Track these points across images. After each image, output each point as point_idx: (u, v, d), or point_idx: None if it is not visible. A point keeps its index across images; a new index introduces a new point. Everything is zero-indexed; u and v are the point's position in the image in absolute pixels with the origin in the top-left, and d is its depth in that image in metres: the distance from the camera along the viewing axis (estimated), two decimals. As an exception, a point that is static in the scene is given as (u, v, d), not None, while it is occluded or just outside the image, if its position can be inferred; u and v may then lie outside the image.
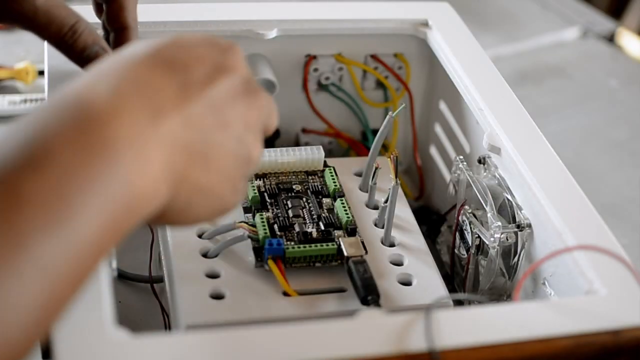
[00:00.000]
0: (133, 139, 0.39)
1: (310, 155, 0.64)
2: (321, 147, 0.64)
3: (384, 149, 0.74)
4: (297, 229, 0.59)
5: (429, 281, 0.58)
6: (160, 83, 0.41)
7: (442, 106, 0.74)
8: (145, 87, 0.40)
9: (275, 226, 0.59)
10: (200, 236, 0.59)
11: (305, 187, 0.63)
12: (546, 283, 0.56)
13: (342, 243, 0.57)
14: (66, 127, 0.37)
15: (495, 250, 0.59)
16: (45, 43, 0.62)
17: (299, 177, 0.63)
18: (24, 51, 0.96)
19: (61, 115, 0.38)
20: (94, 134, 0.37)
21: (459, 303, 0.61)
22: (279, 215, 0.60)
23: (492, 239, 0.58)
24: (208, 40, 0.46)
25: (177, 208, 0.43)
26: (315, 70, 0.73)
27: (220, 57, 0.45)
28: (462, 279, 0.63)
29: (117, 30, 0.58)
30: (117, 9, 0.58)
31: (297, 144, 0.76)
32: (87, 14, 0.61)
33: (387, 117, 0.62)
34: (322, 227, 0.59)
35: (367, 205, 0.63)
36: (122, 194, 0.38)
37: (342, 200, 0.61)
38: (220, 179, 0.45)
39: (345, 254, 0.57)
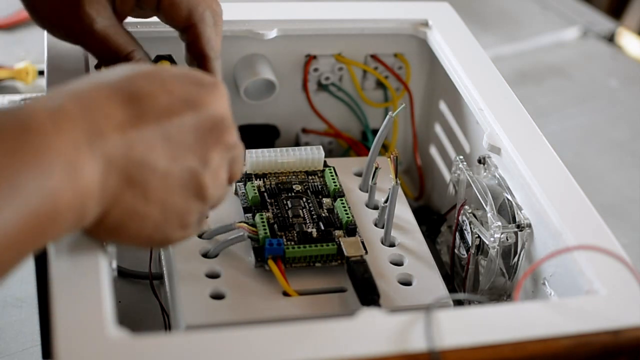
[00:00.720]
0: (66, 154, 0.41)
1: (310, 155, 0.64)
2: (321, 147, 0.64)
3: (384, 149, 0.74)
4: (297, 229, 0.59)
5: (429, 281, 0.58)
6: (111, 110, 0.43)
7: (442, 106, 0.74)
8: (93, 111, 0.43)
9: (275, 226, 0.59)
10: (200, 236, 0.58)
11: (305, 187, 0.63)
12: (546, 283, 0.56)
13: (342, 243, 0.57)
14: (5, 132, 0.40)
15: (495, 250, 0.59)
16: (45, 42, 0.62)
17: (299, 177, 0.63)
18: (24, 51, 0.96)
19: (7, 120, 0.40)
20: (27, 142, 0.40)
21: (459, 303, 0.61)
22: (279, 215, 0.60)
23: (492, 239, 0.58)
24: (189, 76, 0.47)
25: (108, 227, 0.45)
26: (315, 70, 0.73)
27: (194, 91, 0.46)
28: (462, 279, 0.63)
29: (197, 59, 0.57)
30: (194, 38, 0.57)
31: (297, 144, 0.76)
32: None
33: (387, 117, 0.62)
34: (322, 227, 0.59)
35: (367, 205, 0.63)
36: (45, 201, 0.40)
37: (342, 200, 0.61)
38: (161, 210, 0.46)
39: (345, 254, 0.57)
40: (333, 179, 0.63)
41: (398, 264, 0.59)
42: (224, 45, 0.70)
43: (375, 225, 0.62)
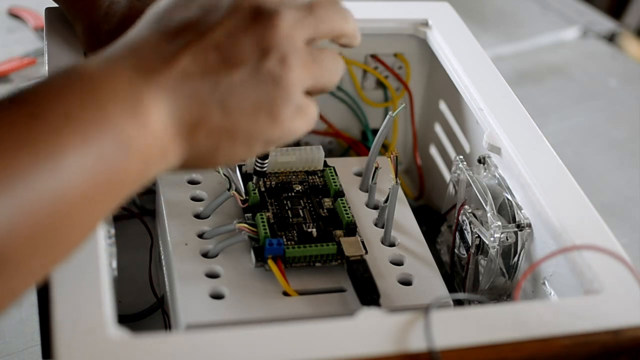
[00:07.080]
0: (125, 99, 0.41)
1: (310, 155, 0.64)
2: (321, 147, 0.64)
3: (384, 149, 0.74)
4: (297, 228, 0.59)
5: (429, 281, 0.58)
6: (155, 44, 0.43)
7: (442, 106, 0.74)
8: (140, 48, 0.43)
9: (275, 226, 0.59)
10: (200, 236, 0.59)
11: (305, 187, 0.63)
12: (546, 283, 0.56)
13: (342, 243, 0.57)
14: (63, 86, 0.40)
15: (495, 250, 0.59)
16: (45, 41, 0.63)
17: (299, 177, 0.63)
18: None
19: (62, 78, 0.41)
20: (84, 92, 0.40)
21: (459, 303, 0.61)
22: (279, 215, 0.60)
23: (492, 238, 0.58)
24: None
25: (202, 155, 0.44)
26: (315, 70, 0.73)
27: None
28: (462, 279, 0.63)
29: None
30: None
31: (297, 143, 0.76)
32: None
33: (387, 117, 0.62)
34: (322, 227, 0.59)
35: (367, 205, 0.63)
36: (116, 154, 0.40)
37: (342, 200, 0.61)
38: (244, 114, 0.44)
39: (345, 253, 0.57)
40: (333, 178, 0.63)
41: (398, 263, 0.59)
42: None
43: (375, 225, 0.62)
